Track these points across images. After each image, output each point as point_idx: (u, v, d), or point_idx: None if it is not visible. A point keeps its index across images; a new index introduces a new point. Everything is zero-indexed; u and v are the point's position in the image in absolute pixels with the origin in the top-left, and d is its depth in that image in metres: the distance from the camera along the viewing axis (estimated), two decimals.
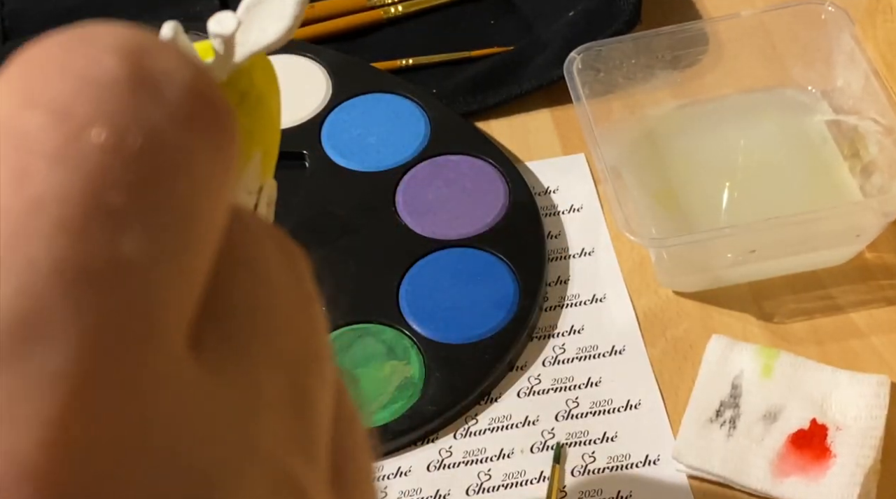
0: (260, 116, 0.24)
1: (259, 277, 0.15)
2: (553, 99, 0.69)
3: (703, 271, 0.60)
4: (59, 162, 0.12)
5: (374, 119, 0.68)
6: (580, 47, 0.63)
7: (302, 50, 0.71)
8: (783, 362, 0.54)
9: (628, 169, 0.63)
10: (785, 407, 0.53)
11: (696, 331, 0.58)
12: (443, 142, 0.66)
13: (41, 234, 0.12)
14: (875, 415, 0.51)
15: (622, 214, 0.55)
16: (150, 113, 0.13)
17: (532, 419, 0.56)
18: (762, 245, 0.58)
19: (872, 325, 0.58)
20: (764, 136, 0.65)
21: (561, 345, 0.59)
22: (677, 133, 0.65)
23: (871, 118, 0.61)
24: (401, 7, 0.76)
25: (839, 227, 0.59)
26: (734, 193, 0.62)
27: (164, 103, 0.13)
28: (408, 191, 0.64)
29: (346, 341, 0.58)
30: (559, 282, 0.61)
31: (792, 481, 0.51)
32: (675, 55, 0.66)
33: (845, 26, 0.62)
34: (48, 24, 0.83)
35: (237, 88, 0.25)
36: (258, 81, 0.25)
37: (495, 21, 0.75)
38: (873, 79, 0.60)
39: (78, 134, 0.12)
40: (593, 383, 0.57)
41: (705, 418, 0.53)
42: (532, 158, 0.67)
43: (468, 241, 0.62)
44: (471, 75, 0.70)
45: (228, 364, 0.14)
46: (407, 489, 0.54)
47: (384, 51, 0.73)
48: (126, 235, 0.12)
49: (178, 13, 0.76)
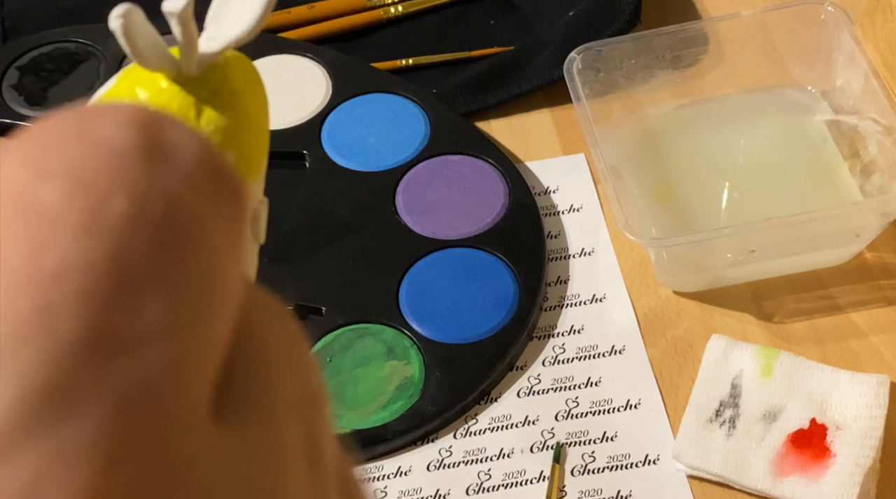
0: (234, 116, 0.24)
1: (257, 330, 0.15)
2: (553, 99, 0.69)
3: (703, 271, 0.60)
4: (80, 232, 0.12)
5: (374, 119, 0.68)
6: (580, 47, 0.63)
7: (302, 50, 0.71)
8: (783, 362, 0.54)
9: (628, 169, 0.63)
10: (785, 407, 0.53)
11: (695, 331, 0.58)
12: (443, 142, 0.66)
13: (64, 303, 0.12)
14: (875, 415, 0.51)
15: (622, 214, 0.55)
16: (167, 182, 0.13)
17: (532, 419, 0.56)
18: (762, 245, 0.58)
19: (872, 325, 0.58)
20: (764, 136, 0.65)
21: (561, 345, 0.59)
22: (677, 133, 0.65)
23: (871, 118, 0.61)
24: (401, 7, 0.76)
25: (839, 227, 0.59)
26: (734, 193, 0.62)
27: (178, 172, 0.13)
28: (408, 191, 0.64)
29: (346, 341, 0.58)
30: (559, 282, 0.61)
31: (791, 481, 0.51)
32: (675, 55, 0.66)
33: (845, 26, 0.62)
34: (48, 24, 0.82)
35: (208, 84, 0.24)
36: (234, 80, 0.24)
37: (495, 21, 0.75)
38: (873, 79, 0.60)
39: (99, 204, 0.12)
40: (593, 383, 0.57)
41: (705, 417, 0.53)
42: (532, 158, 0.67)
43: (468, 241, 0.62)
44: (471, 75, 0.70)
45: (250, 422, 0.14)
46: (407, 489, 0.54)
47: (384, 51, 0.73)
48: (149, 303, 0.12)
49: None
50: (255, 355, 0.15)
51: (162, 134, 0.13)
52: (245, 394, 0.14)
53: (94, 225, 0.12)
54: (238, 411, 0.14)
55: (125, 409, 0.12)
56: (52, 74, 0.71)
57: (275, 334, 0.15)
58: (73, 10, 0.77)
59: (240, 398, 0.14)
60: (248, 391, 0.14)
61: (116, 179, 0.12)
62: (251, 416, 0.14)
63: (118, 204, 0.12)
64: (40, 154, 0.13)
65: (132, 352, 0.12)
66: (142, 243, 0.12)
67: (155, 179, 0.13)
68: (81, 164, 0.12)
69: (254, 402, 0.14)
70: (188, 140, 0.14)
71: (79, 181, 0.12)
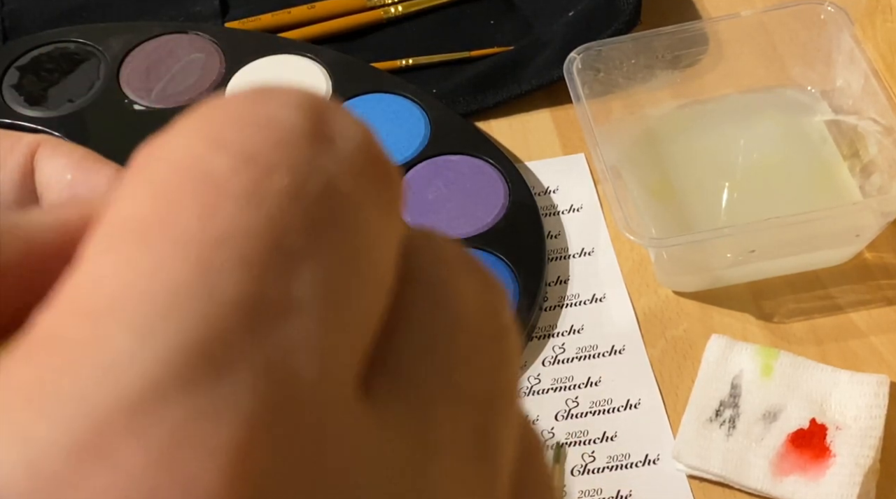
0: None
1: (441, 302, 0.15)
2: (553, 99, 0.69)
3: (703, 271, 0.60)
4: (245, 202, 0.13)
5: (374, 119, 0.68)
6: (580, 47, 0.63)
7: (302, 50, 0.71)
8: (783, 362, 0.54)
9: (628, 169, 0.63)
10: (784, 407, 0.53)
11: (695, 331, 0.58)
12: (443, 142, 0.66)
13: (224, 266, 0.12)
14: (874, 415, 0.51)
15: (622, 213, 0.55)
16: (327, 164, 0.14)
17: (532, 419, 0.56)
18: (762, 245, 0.58)
19: (872, 325, 0.58)
20: (764, 136, 0.65)
21: (561, 345, 0.59)
22: (677, 133, 0.65)
23: (871, 118, 0.61)
24: (401, 7, 0.76)
25: (839, 227, 0.59)
26: (734, 193, 0.62)
27: (340, 157, 0.14)
28: (408, 191, 0.64)
29: None
30: (559, 282, 0.61)
31: (791, 481, 0.51)
32: (675, 55, 0.66)
33: (845, 26, 0.62)
34: (48, 24, 0.82)
35: None
36: None
37: (495, 21, 0.75)
38: (873, 79, 0.60)
39: (263, 178, 0.13)
40: (593, 383, 0.57)
41: (705, 417, 0.53)
42: (532, 158, 0.67)
43: (468, 241, 0.62)
44: (471, 75, 0.70)
45: (401, 402, 0.14)
46: None
47: (384, 51, 0.73)
48: (301, 275, 0.13)
49: (178, 13, 0.76)
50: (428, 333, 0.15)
51: (327, 118, 0.14)
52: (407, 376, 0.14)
53: (257, 196, 0.13)
54: (394, 385, 0.14)
55: (271, 375, 0.12)
56: (52, 74, 0.71)
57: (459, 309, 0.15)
58: (73, 10, 0.77)
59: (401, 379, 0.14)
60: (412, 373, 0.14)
61: (281, 155, 0.13)
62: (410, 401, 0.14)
63: (280, 179, 0.13)
64: (215, 128, 0.14)
65: (282, 321, 0.12)
66: (298, 218, 0.13)
67: (316, 160, 0.14)
68: (250, 139, 0.13)
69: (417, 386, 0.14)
70: (351, 127, 0.14)
71: (247, 155, 0.13)
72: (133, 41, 0.72)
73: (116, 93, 0.70)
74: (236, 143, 0.13)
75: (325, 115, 0.14)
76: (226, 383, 0.12)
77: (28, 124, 0.69)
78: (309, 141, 0.14)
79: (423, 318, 0.15)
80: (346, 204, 0.13)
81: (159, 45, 0.72)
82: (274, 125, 0.14)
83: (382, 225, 0.14)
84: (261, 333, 0.12)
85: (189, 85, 0.70)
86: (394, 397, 0.14)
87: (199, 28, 0.73)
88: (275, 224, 0.13)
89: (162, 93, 0.70)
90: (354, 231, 0.13)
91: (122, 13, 0.76)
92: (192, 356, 0.12)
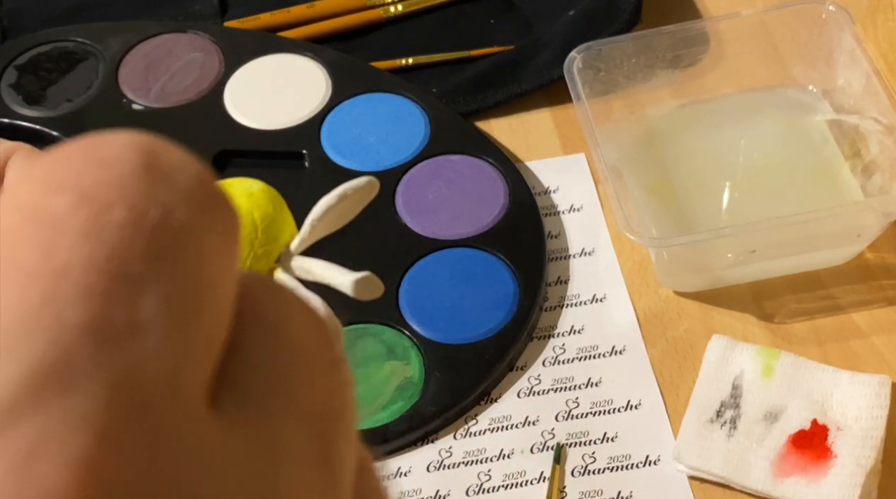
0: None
1: (281, 336, 0.16)
2: (553, 99, 0.69)
3: (704, 271, 0.60)
4: (84, 235, 0.14)
5: (373, 119, 0.68)
6: (580, 47, 0.63)
7: (301, 49, 0.71)
8: (784, 363, 0.54)
9: (628, 169, 0.63)
10: (786, 407, 0.53)
11: (696, 331, 0.58)
12: (443, 142, 0.66)
13: (68, 296, 0.13)
14: (876, 415, 0.51)
15: (622, 213, 0.54)
16: (164, 196, 0.15)
17: (532, 420, 0.56)
18: (763, 245, 0.58)
19: (873, 325, 0.58)
20: (764, 135, 0.64)
21: (561, 345, 0.58)
22: (678, 133, 0.65)
23: (872, 118, 0.61)
24: (401, 7, 0.76)
25: (840, 227, 0.59)
26: (735, 193, 0.62)
27: (175, 188, 0.15)
28: (408, 191, 0.64)
29: (346, 342, 0.58)
30: (559, 282, 0.61)
31: (792, 482, 0.51)
32: (676, 55, 0.66)
33: (846, 25, 0.62)
34: (47, 23, 0.82)
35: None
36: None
37: (495, 21, 0.75)
38: (874, 78, 0.60)
39: (101, 213, 0.14)
40: (593, 384, 0.57)
41: (706, 418, 0.53)
42: (532, 158, 0.67)
43: (468, 241, 0.62)
44: (471, 75, 0.70)
45: (249, 418, 0.15)
46: (407, 490, 0.54)
47: (384, 51, 0.73)
48: (144, 299, 0.14)
49: (177, 12, 0.76)
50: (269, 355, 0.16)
51: (161, 155, 0.15)
52: (250, 391, 0.16)
53: (96, 230, 0.14)
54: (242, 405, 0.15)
55: (119, 389, 0.13)
56: (50, 74, 0.71)
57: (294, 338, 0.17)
58: (71, 10, 0.77)
59: (244, 395, 0.15)
60: (255, 389, 0.16)
61: (117, 191, 0.14)
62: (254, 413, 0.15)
63: (119, 212, 0.14)
64: (55, 172, 0.15)
65: (128, 340, 0.14)
66: (138, 246, 0.14)
67: (153, 192, 0.15)
68: (87, 179, 0.15)
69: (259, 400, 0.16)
70: (185, 162, 0.16)
71: (84, 194, 0.14)
72: (132, 40, 0.72)
73: (115, 92, 0.70)
74: (74, 183, 0.14)
75: (159, 152, 0.15)
76: (76, 398, 0.13)
77: (26, 124, 0.68)
78: (145, 176, 0.15)
79: (264, 341, 0.16)
80: (185, 231, 0.15)
81: (158, 44, 0.72)
82: (110, 164, 0.15)
83: (220, 250, 0.15)
84: (107, 352, 0.13)
85: (188, 84, 0.70)
86: (239, 408, 0.15)
87: (198, 27, 0.73)
88: (115, 253, 0.14)
89: (161, 92, 0.70)
90: (194, 256, 0.15)
91: (121, 12, 0.76)
92: (42, 375, 0.13)
